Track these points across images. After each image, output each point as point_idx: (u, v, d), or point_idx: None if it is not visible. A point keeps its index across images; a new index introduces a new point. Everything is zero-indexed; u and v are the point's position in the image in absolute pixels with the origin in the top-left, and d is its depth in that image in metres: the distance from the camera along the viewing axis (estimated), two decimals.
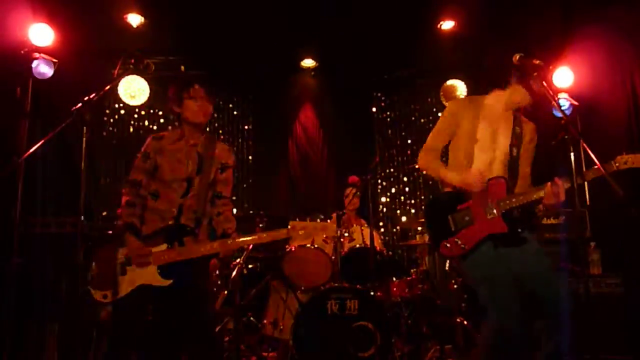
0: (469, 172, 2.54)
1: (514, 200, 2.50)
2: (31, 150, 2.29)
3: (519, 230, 2.50)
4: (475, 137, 2.61)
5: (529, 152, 2.72)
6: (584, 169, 2.37)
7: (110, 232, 2.74)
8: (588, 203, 4.68)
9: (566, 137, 2.28)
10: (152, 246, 2.65)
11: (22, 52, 4.47)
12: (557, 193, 2.40)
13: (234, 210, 5.98)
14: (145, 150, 2.81)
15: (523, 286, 2.47)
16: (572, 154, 2.21)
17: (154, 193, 2.75)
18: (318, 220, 2.79)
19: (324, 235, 4.27)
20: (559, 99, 4.91)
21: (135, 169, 2.80)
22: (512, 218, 2.51)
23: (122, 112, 6.02)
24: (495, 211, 2.51)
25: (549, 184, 2.42)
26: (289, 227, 2.66)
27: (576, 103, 5.03)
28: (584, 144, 2.25)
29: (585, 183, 4.73)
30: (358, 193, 4.87)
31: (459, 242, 2.52)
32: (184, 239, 2.68)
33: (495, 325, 2.44)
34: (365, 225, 4.67)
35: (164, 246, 2.65)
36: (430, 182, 6.24)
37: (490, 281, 2.50)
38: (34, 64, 4.53)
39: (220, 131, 6.25)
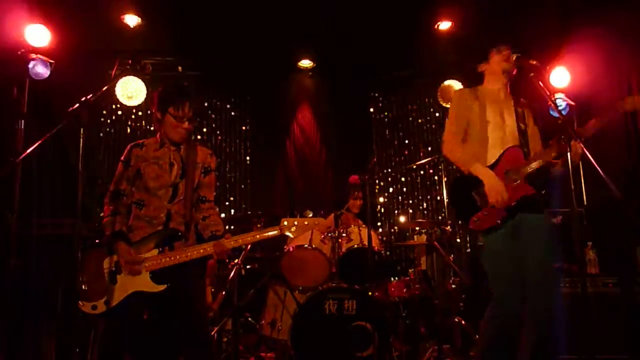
0: (494, 172, 2.60)
1: (532, 164, 2.58)
2: (28, 151, 2.29)
3: (543, 190, 2.60)
4: (486, 120, 2.72)
5: (537, 130, 2.83)
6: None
7: (98, 240, 2.72)
8: (585, 203, 4.69)
9: (563, 137, 2.29)
10: (143, 253, 2.64)
11: (19, 52, 4.47)
12: (574, 149, 2.43)
13: (232, 211, 6.03)
14: (125, 158, 2.79)
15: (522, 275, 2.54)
16: (568, 153, 2.21)
17: (138, 202, 2.73)
18: (308, 217, 2.79)
19: (320, 234, 4.27)
20: (555, 99, 4.93)
21: (117, 178, 2.79)
22: (534, 181, 2.60)
23: (120, 112, 6.01)
24: (517, 177, 2.59)
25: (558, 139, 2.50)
26: (281, 224, 2.70)
27: (573, 103, 5.05)
28: (581, 144, 2.26)
29: (583, 183, 4.79)
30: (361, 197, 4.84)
31: (488, 214, 2.59)
32: (174, 244, 2.68)
33: (495, 306, 2.56)
34: (363, 225, 4.67)
35: (154, 252, 2.65)
36: (428, 183, 6.25)
37: (495, 268, 2.61)
38: (31, 64, 4.53)
39: (218, 132, 6.24)
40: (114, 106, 5.93)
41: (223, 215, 6.01)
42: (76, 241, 2.28)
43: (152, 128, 6.03)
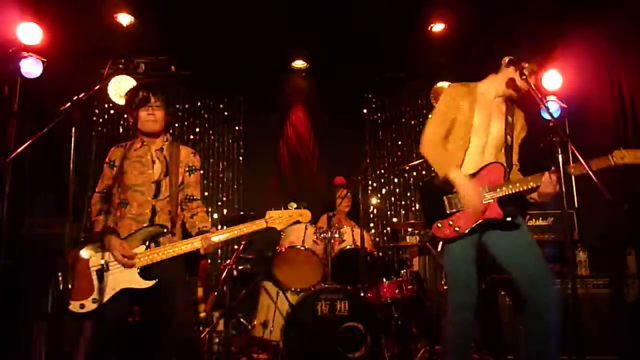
0: (474, 183, 2.52)
1: (510, 187, 2.51)
2: (19, 150, 2.27)
3: (513, 217, 2.51)
4: (471, 123, 2.62)
5: (518, 141, 2.75)
6: (571, 164, 2.39)
7: (83, 239, 2.72)
8: (576, 205, 4.73)
9: (554, 139, 2.29)
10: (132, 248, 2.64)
11: (10, 50, 4.44)
12: (554, 182, 2.42)
13: (224, 211, 6.02)
14: (109, 159, 2.84)
15: (510, 275, 2.53)
16: (560, 156, 2.22)
17: (122, 202, 2.75)
18: (292, 209, 2.81)
19: (313, 235, 4.27)
20: (547, 101, 4.96)
21: (104, 178, 2.82)
22: (506, 204, 2.52)
23: (112, 112, 5.97)
24: (491, 196, 2.52)
25: (546, 173, 2.45)
26: (266, 217, 2.74)
27: (564, 105, 5.08)
28: (572, 146, 2.27)
29: (574, 184, 4.82)
30: (349, 194, 4.88)
31: (453, 224, 2.53)
32: (160, 239, 2.69)
33: (455, 312, 2.54)
34: (356, 226, 4.68)
35: (142, 248, 2.65)
36: (421, 183, 6.27)
37: (456, 275, 2.56)
38: (22, 63, 4.50)
39: (211, 132, 6.22)
40: (106, 105, 5.90)
41: (216, 215, 6.00)
42: (67, 240, 2.26)
43: None
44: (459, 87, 2.72)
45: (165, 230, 2.71)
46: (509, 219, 2.49)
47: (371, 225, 6.18)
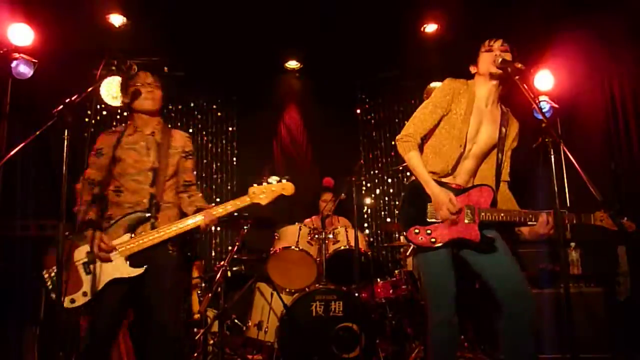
0: (445, 192, 2.48)
1: (495, 215, 2.48)
2: (11, 154, 2.26)
3: (488, 245, 2.48)
4: (469, 122, 2.55)
5: (509, 157, 2.68)
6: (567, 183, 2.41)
7: (68, 233, 2.69)
8: (568, 204, 4.76)
9: (547, 140, 2.30)
10: (115, 238, 2.61)
11: (1, 52, 4.40)
12: (551, 225, 2.42)
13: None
14: (98, 147, 2.79)
15: (487, 283, 2.51)
16: (552, 156, 2.24)
17: (116, 189, 2.71)
18: (275, 182, 2.77)
19: (307, 236, 4.27)
20: (539, 101, 4.99)
21: (90, 167, 2.76)
22: (487, 229, 2.49)
23: (104, 113, 5.95)
24: (474, 218, 2.49)
25: (544, 213, 2.44)
26: (250, 194, 2.72)
27: (556, 106, 5.12)
28: (564, 147, 2.29)
29: (566, 184, 4.86)
30: (333, 199, 4.86)
31: (431, 234, 2.47)
32: (144, 226, 2.66)
33: (435, 315, 2.49)
34: (350, 225, 4.68)
35: (126, 236, 2.62)
36: (407, 182, 6.27)
37: (434, 286, 2.51)
38: (13, 64, 4.47)
39: (204, 132, 6.21)
40: (98, 106, 5.86)
41: None
42: (60, 243, 2.24)
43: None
44: (459, 82, 2.64)
45: (148, 215, 2.66)
46: (484, 246, 2.47)
47: (365, 225, 6.19)
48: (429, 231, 2.48)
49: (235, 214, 3.10)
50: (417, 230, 2.48)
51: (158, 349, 2.59)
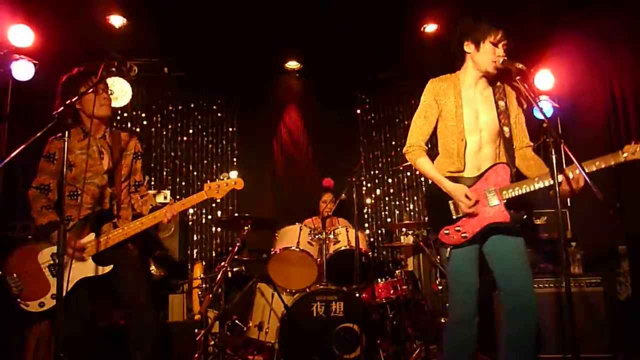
0: (459, 187, 2.48)
1: (517, 189, 2.43)
2: (12, 156, 2.26)
3: (519, 222, 2.45)
4: (462, 118, 2.55)
5: (521, 123, 2.65)
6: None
7: (30, 236, 2.70)
8: (569, 204, 4.76)
9: (547, 139, 2.29)
10: (81, 239, 2.64)
11: (1, 53, 4.40)
12: (575, 177, 2.35)
13: (218, 213, 6.00)
14: (48, 152, 2.78)
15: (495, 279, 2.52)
16: (553, 156, 2.23)
17: (72, 194, 2.72)
18: (226, 179, 2.94)
19: (307, 236, 4.27)
20: (540, 101, 4.99)
21: (41, 173, 2.77)
22: (514, 208, 2.45)
23: None
24: (497, 199, 2.46)
25: (565, 169, 2.38)
26: (205, 190, 2.87)
27: (557, 105, 5.12)
28: (565, 146, 2.28)
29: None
30: (333, 199, 4.86)
31: (461, 230, 2.47)
32: (108, 224, 2.72)
33: (456, 312, 2.52)
34: (350, 226, 4.68)
35: (91, 236, 2.66)
36: (414, 184, 6.29)
37: (459, 279, 2.52)
38: (14, 65, 4.46)
39: (204, 133, 6.20)
40: None
41: (210, 216, 5.98)
42: (61, 243, 2.24)
43: (137, 129, 5.98)
44: (438, 80, 2.69)
45: (109, 214, 2.74)
46: (516, 224, 2.44)
47: (365, 225, 6.19)
48: (458, 228, 2.49)
49: (236, 214, 3.13)
50: (447, 231, 2.50)
51: (141, 329, 2.67)
